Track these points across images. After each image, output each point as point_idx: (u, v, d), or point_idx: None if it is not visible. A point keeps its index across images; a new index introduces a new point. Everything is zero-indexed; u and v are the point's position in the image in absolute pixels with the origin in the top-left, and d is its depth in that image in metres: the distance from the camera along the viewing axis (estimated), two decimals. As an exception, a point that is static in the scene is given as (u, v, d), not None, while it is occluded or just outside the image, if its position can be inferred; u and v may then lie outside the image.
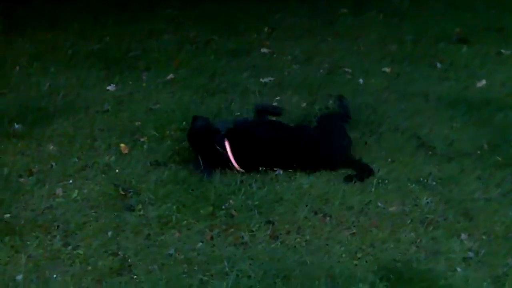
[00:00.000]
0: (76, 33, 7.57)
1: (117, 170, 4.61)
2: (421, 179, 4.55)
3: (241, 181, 4.43)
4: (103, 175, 4.56)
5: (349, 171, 4.59)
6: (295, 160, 4.60)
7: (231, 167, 4.56)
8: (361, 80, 6.31)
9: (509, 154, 4.87)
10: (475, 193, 4.41)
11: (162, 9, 8.38)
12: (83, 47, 7.15)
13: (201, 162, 4.59)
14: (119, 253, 3.78)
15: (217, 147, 4.60)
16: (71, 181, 4.48)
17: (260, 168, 4.55)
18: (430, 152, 4.93)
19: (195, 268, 3.64)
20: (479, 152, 4.94)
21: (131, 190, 4.35)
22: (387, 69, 6.64)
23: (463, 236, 3.97)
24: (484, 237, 3.97)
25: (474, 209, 4.23)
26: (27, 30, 7.54)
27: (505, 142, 5.06)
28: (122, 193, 4.32)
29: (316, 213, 4.17)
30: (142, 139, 5.01)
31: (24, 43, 7.22)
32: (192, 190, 4.33)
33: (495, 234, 4.00)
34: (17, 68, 6.51)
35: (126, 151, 4.84)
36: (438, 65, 6.78)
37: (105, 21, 7.92)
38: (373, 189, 4.41)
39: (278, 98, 5.79)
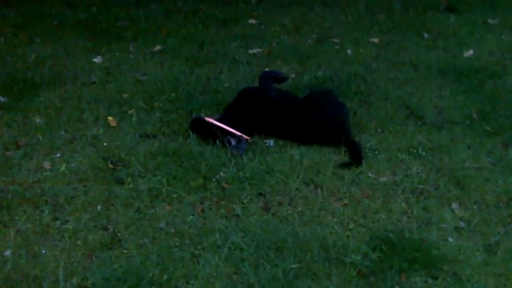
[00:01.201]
0: (62, 2, 7.51)
1: (105, 143, 4.56)
2: (411, 148, 4.54)
3: (232, 153, 4.40)
4: (91, 148, 4.51)
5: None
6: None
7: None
8: (349, 51, 6.28)
9: (499, 123, 4.87)
10: (465, 162, 4.41)
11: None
12: (70, 17, 7.11)
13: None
14: (109, 227, 3.75)
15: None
16: (58, 154, 4.43)
17: (250, 140, 4.53)
18: (419, 122, 4.92)
19: (187, 241, 3.62)
20: (468, 121, 4.94)
21: (120, 163, 4.31)
22: (376, 39, 6.62)
23: (455, 205, 3.97)
24: (475, 206, 3.97)
25: (465, 178, 4.23)
26: (12, 0, 7.45)
27: (494, 111, 5.06)
28: (111, 166, 4.29)
29: (307, 184, 4.15)
30: (130, 111, 4.97)
31: (9, 13, 7.14)
32: (182, 162, 4.30)
33: (486, 203, 4.00)
34: (2, 39, 6.45)
35: (114, 124, 4.80)
36: (426, 35, 6.76)
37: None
38: (364, 159, 4.39)
39: (267, 69, 5.74)
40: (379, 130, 4.77)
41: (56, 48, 6.22)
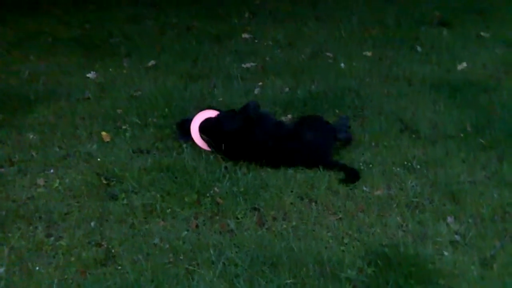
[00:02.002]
0: (56, 19, 7.53)
1: (99, 159, 4.55)
2: (406, 162, 4.53)
3: (226, 168, 4.40)
4: (85, 164, 4.50)
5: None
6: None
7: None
8: (342, 65, 6.29)
9: (493, 136, 4.87)
10: (460, 176, 4.40)
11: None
12: (64, 33, 7.12)
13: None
14: (103, 243, 3.73)
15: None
16: (52, 171, 4.42)
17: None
18: (414, 136, 4.92)
19: (181, 257, 3.60)
20: (462, 134, 4.94)
21: (114, 179, 4.30)
22: (369, 53, 6.63)
23: (450, 219, 3.95)
24: (470, 220, 3.96)
25: (460, 192, 4.22)
26: (7, 17, 7.47)
27: (488, 124, 5.06)
28: (105, 182, 4.27)
29: (302, 199, 4.14)
30: (124, 127, 4.97)
31: (3, 30, 7.14)
32: (176, 177, 4.29)
33: (481, 217, 3.98)
34: (-4, 56, 6.46)
35: (108, 139, 4.79)
36: (419, 48, 6.78)
37: (85, 7, 7.87)
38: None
39: (260, 83, 5.76)
40: (373, 144, 4.77)
41: (50, 65, 6.23)
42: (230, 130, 4.59)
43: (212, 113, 4.78)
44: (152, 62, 6.30)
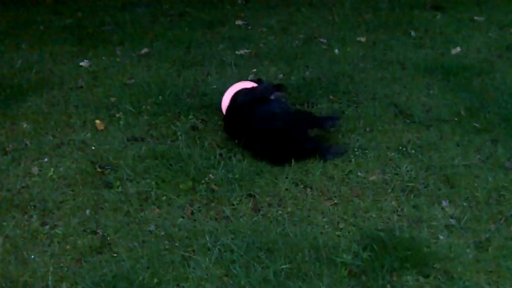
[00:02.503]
0: (48, 8, 7.49)
1: (93, 147, 4.55)
2: (401, 147, 4.53)
3: (221, 155, 4.39)
4: (80, 152, 4.49)
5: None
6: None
7: None
8: (336, 51, 6.28)
9: (487, 119, 4.86)
10: (454, 159, 4.40)
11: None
12: (56, 22, 7.09)
13: None
14: (98, 231, 3.73)
15: None
16: (46, 159, 4.41)
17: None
18: (408, 120, 4.91)
19: (177, 244, 3.61)
20: (457, 118, 4.93)
21: (108, 167, 4.29)
22: (363, 38, 6.62)
23: (445, 203, 3.96)
24: (465, 203, 3.96)
25: (455, 175, 4.22)
26: (-3, 6, 7.45)
27: (482, 108, 5.05)
28: (99, 170, 4.27)
29: (297, 185, 4.14)
30: (118, 115, 4.95)
31: (-6, 21, 7.13)
32: (171, 165, 4.29)
33: (476, 200, 3.99)
34: (-12, 46, 6.43)
35: (102, 127, 4.78)
36: (413, 33, 6.76)
37: (76, -4, 7.84)
38: (353, 159, 4.39)
39: (254, 70, 5.75)
40: (367, 129, 4.76)
41: (43, 54, 6.19)
42: (232, 106, 4.68)
43: (245, 84, 4.87)
44: (145, 50, 6.28)
